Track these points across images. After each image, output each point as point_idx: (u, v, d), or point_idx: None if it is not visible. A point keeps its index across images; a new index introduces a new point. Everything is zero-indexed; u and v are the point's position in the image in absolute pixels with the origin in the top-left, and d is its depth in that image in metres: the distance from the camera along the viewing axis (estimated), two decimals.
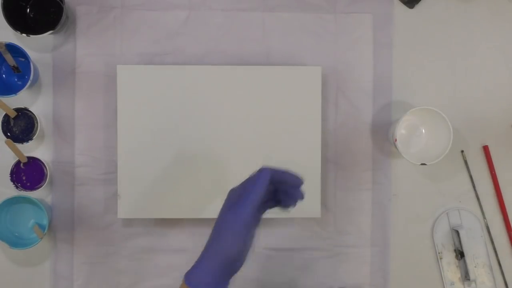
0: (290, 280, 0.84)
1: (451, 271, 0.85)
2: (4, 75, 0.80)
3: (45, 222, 0.79)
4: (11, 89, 0.77)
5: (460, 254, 0.85)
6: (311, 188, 0.78)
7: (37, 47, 0.81)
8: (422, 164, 0.78)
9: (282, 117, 0.78)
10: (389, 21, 0.84)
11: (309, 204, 0.78)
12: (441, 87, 0.85)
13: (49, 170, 0.79)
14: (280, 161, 0.78)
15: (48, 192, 0.83)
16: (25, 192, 0.79)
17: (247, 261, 0.83)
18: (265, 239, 0.84)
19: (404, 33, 0.85)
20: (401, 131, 0.83)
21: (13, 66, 0.78)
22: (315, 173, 0.78)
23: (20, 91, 0.76)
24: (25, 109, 0.78)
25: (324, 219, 0.84)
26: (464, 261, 0.84)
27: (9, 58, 0.77)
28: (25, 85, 0.76)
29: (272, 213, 0.79)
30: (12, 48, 0.76)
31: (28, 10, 0.80)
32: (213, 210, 0.78)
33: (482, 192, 0.86)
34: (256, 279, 0.84)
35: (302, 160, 0.78)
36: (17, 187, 0.78)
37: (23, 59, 0.79)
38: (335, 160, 0.84)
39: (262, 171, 0.59)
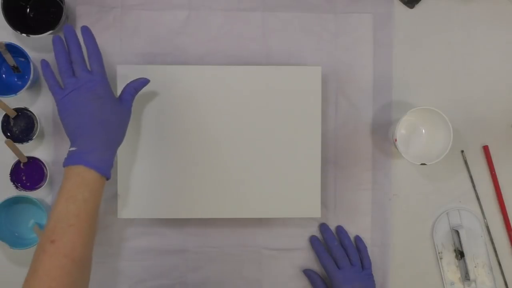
0: (289, 280, 0.84)
1: (451, 271, 0.85)
2: (4, 75, 0.80)
3: (45, 222, 0.79)
4: (11, 89, 0.77)
5: (460, 254, 0.85)
6: (311, 188, 0.78)
7: (37, 47, 0.81)
8: (422, 164, 0.78)
9: (282, 117, 0.78)
10: (389, 21, 0.84)
11: (309, 204, 0.78)
12: (441, 87, 0.85)
13: (49, 170, 0.79)
14: (280, 161, 0.78)
15: (48, 192, 0.82)
16: (25, 192, 0.79)
17: (247, 260, 0.84)
18: (265, 239, 0.84)
19: (404, 33, 0.85)
20: (401, 131, 0.83)
21: (13, 66, 0.78)
22: (315, 173, 0.78)
23: (20, 91, 0.76)
24: (25, 109, 0.78)
25: (324, 219, 0.84)
26: (464, 261, 0.84)
27: (9, 58, 0.77)
28: (25, 85, 0.76)
29: (272, 213, 0.80)
30: (12, 48, 0.76)
31: (28, 10, 0.80)
32: (213, 210, 0.78)
33: (482, 192, 0.86)
34: (256, 279, 0.84)
35: (302, 160, 0.78)
36: (17, 187, 0.78)
37: (23, 59, 0.79)
38: (335, 160, 0.84)
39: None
